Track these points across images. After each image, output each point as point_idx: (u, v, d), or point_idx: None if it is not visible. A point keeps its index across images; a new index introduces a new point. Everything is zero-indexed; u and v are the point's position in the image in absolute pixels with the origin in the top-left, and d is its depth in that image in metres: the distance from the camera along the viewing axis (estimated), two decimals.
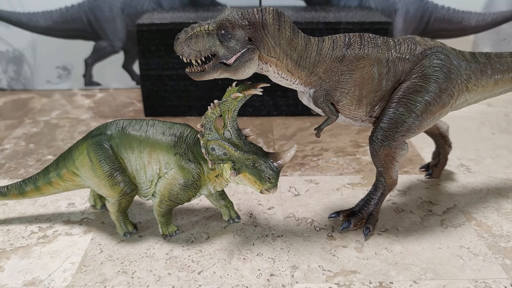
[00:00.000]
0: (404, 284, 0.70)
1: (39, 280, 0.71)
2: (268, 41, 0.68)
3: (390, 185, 0.81)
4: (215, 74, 0.68)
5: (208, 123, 0.70)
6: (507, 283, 0.70)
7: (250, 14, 0.67)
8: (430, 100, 0.74)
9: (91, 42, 1.54)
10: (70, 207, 0.90)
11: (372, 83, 0.73)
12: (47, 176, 0.81)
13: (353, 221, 0.81)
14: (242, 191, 0.94)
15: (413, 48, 0.74)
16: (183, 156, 0.73)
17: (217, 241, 0.80)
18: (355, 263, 0.74)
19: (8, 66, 1.55)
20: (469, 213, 0.88)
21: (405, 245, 0.79)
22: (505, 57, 0.81)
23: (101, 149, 0.74)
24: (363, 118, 0.77)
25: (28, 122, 1.32)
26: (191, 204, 0.90)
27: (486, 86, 0.81)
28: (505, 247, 0.78)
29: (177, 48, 0.67)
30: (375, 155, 0.77)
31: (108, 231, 0.83)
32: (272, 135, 1.22)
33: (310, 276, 0.72)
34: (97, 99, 1.51)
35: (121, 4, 1.49)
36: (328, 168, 1.05)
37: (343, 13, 1.34)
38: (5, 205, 0.90)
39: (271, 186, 0.70)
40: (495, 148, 1.15)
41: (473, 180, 1.00)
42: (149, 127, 0.75)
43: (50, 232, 0.82)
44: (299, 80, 0.72)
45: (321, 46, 0.71)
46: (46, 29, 1.51)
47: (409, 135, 0.76)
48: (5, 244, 0.79)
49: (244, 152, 0.69)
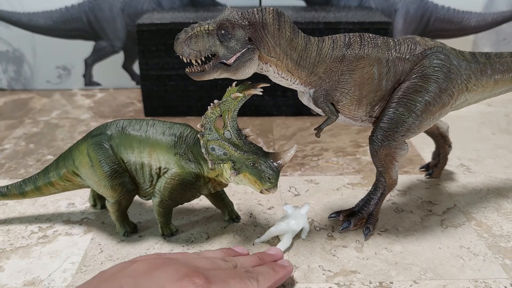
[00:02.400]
0: (404, 284, 0.70)
1: (39, 280, 0.71)
2: (268, 41, 0.68)
3: (390, 185, 0.81)
4: (215, 74, 0.68)
5: (208, 123, 0.70)
6: (507, 283, 0.70)
7: (250, 14, 0.67)
8: (430, 100, 0.74)
9: (91, 42, 1.54)
10: (70, 207, 0.90)
11: (372, 83, 0.73)
12: (47, 176, 0.81)
13: (353, 221, 0.81)
14: (242, 191, 0.94)
15: (413, 48, 0.74)
16: (183, 156, 0.73)
17: (217, 241, 0.80)
18: (355, 263, 0.74)
19: (8, 66, 1.55)
20: (469, 213, 0.88)
21: (405, 245, 0.79)
22: (505, 57, 0.81)
23: (101, 149, 0.74)
24: (363, 118, 0.77)
25: (28, 122, 1.32)
26: (191, 204, 0.90)
27: (486, 86, 0.81)
28: (505, 247, 0.78)
29: (177, 48, 0.67)
30: (375, 155, 0.77)
31: (108, 231, 0.83)
32: (272, 135, 1.22)
33: (310, 276, 0.72)
34: (97, 99, 1.51)
35: (121, 4, 1.49)
36: (328, 168, 1.05)
37: (343, 13, 1.34)
38: (5, 205, 0.90)
39: (271, 186, 0.70)
40: (495, 148, 1.15)
41: (473, 180, 1.00)
42: (149, 127, 0.75)
43: (50, 232, 0.82)
44: (299, 80, 0.72)
45: (321, 46, 0.71)
46: (46, 29, 1.51)
47: (409, 135, 0.76)
48: (5, 244, 0.79)
49: (244, 152, 0.69)
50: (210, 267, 0.61)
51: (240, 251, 0.71)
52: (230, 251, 0.71)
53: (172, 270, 0.57)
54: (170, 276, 0.56)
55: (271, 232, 0.77)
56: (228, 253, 0.70)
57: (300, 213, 0.78)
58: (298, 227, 0.78)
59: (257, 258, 0.69)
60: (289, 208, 0.78)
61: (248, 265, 0.66)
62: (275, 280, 0.65)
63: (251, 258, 0.68)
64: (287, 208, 0.78)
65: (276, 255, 0.71)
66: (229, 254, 0.69)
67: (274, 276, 0.65)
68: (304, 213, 0.78)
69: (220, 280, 0.58)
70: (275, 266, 0.67)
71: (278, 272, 0.66)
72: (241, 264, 0.65)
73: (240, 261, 0.66)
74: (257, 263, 0.67)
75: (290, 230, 0.77)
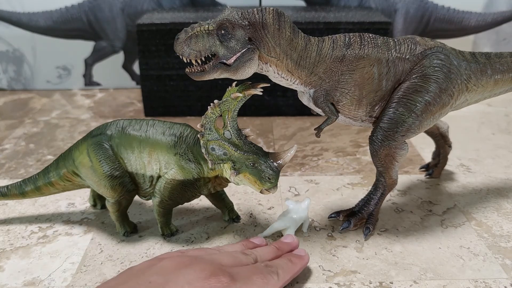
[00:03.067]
0: (404, 284, 0.70)
1: (39, 280, 0.71)
2: (268, 41, 0.68)
3: (390, 185, 0.81)
4: (215, 74, 0.68)
5: (208, 123, 0.70)
6: (507, 283, 0.70)
7: (250, 14, 0.67)
8: (430, 100, 0.74)
9: (91, 42, 1.54)
10: (70, 207, 0.90)
11: (372, 83, 0.73)
12: (47, 176, 0.81)
13: (353, 221, 0.81)
14: (242, 191, 0.94)
15: (413, 48, 0.74)
16: (183, 156, 0.73)
17: (217, 241, 0.80)
18: (355, 263, 0.74)
19: (8, 66, 1.55)
20: (469, 213, 0.88)
21: (405, 245, 0.79)
22: (505, 57, 0.81)
23: (101, 149, 0.74)
24: (363, 118, 0.77)
25: (28, 122, 1.32)
26: (191, 204, 0.90)
27: (486, 86, 0.81)
28: (505, 247, 0.78)
29: (177, 48, 0.67)
30: (375, 155, 0.77)
31: (108, 231, 0.83)
32: (272, 135, 1.22)
33: (310, 276, 0.72)
34: (97, 99, 1.51)
35: (121, 4, 1.49)
36: (328, 168, 1.05)
37: (343, 13, 1.34)
38: (5, 205, 0.90)
39: (271, 186, 0.70)
40: (495, 148, 1.15)
41: (473, 180, 1.00)
42: (149, 127, 0.75)
43: (50, 232, 0.82)
44: (299, 80, 0.72)
45: (321, 46, 0.71)
46: (46, 29, 1.51)
47: (409, 135, 0.76)
48: (5, 244, 0.79)
49: (244, 152, 0.69)
50: (233, 264, 0.64)
51: (259, 243, 0.74)
52: (249, 243, 0.74)
53: (199, 268, 0.60)
54: (197, 274, 0.59)
55: (274, 227, 0.79)
56: (247, 245, 0.73)
57: (302, 206, 0.80)
58: (300, 220, 0.79)
59: (274, 248, 0.72)
60: (290, 203, 0.80)
61: (267, 257, 0.69)
62: (294, 273, 0.69)
63: (269, 250, 0.71)
64: (289, 203, 0.80)
65: (292, 243, 0.74)
66: (248, 246, 0.72)
67: (293, 268, 0.69)
68: (305, 207, 0.80)
69: (244, 277, 0.61)
70: (293, 258, 0.70)
71: (296, 264, 0.69)
72: (260, 257, 0.68)
73: (259, 253, 0.69)
74: (275, 254, 0.71)
75: (292, 225, 0.79)
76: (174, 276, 0.58)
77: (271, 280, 0.64)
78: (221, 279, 0.59)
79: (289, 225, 0.79)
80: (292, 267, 0.69)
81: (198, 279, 0.58)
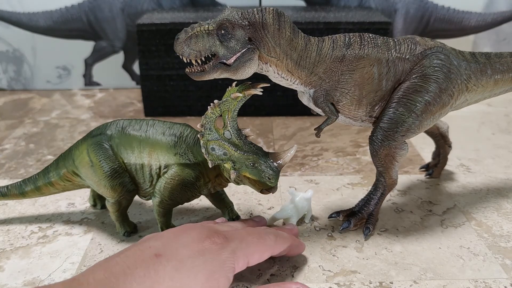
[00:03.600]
0: (404, 284, 0.70)
1: (39, 280, 0.71)
2: (268, 41, 0.68)
3: (390, 185, 0.81)
4: (215, 74, 0.68)
5: (208, 123, 0.70)
6: (507, 283, 0.70)
7: (250, 14, 0.67)
8: (430, 100, 0.74)
9: (91, 42, 1.54)
10: (70, 207, 0.90)
11: (372, 83, 0.73)
12: (47, 176, 0.81)
13: (353, 221, 0.81)
14: (242, 191, 0.94)
15: (413, 48, 0.74)
16: (183, 156, 0.73)
17: None
18: (355, 263, 0.74)
19: (8, 66, 1.55)
20: (469, 213, 0.88)
21: (405, 245, 0.79)
22: (505, 57, 0.81)
23: (101, 149, 0.74)
24: (363, 118, 0.77)
25: (28, 122, 1.32)
26: (191, 204, 0.90)
27: (486, 86, 0.81)
28: (505, 247, 0.78)
29: (177, 48, 0.67)
30: (375, 155, 0.77)
31: (108, 231, 0.83)
32: (272, 135, 1.22)
33: (310, 276, 0.72)
34: (97, 99, 1.51)
35: (121, 4, 1.49)
36: (328, 168, 1.05)
37: (343, 13, 1.34)
38: (5, 205, 0.90)
39: (271, 186, 0.70)
40: (495, 148, 1.15)
41: (473, 180, 1.00)
42: (149, 127, 0.75)
43: (50, 232, 0.82)
44: (299, 80, 0.72)
45: (321, 46, 0.71)
46: (46, 29, 1.51)
47: (409, 135, 0.76)
48: (5, 244, 0.79)
49: (244, 152, 0.69)
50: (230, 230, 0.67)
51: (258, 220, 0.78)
52: (250, 221, 0.76)
53: (195, 233, 0.63)
54: (193, 237, 0.62)
55: (275, 217, 0.80)
56: (248, 223, 0.75)
57: (305, 197, 0.80)
58: (303, 211, 0.80)
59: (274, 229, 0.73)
60: (293, 193, 0.80)
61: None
62: (291, 244, 0.70)
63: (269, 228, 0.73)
64: (292, 193, 0.80)
65: (292, 230, 0.76)
66: (248, 224, 0.75)
67: (291, 240, 0.70)
68: (308, 197, 0.81)
69: (239, 237, 0.64)
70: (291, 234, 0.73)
71: (294, 239, 0.72)
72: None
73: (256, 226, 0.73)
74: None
75: (294, 214, 0.80)
76: (172, 240, 0.62)
77: (267, 240, 0.66)
78: (215, 240, 0.62)
79: (291, 215, 0.79)
80: (290, 239, 0.70)
81: (194, 241, 0.61)
